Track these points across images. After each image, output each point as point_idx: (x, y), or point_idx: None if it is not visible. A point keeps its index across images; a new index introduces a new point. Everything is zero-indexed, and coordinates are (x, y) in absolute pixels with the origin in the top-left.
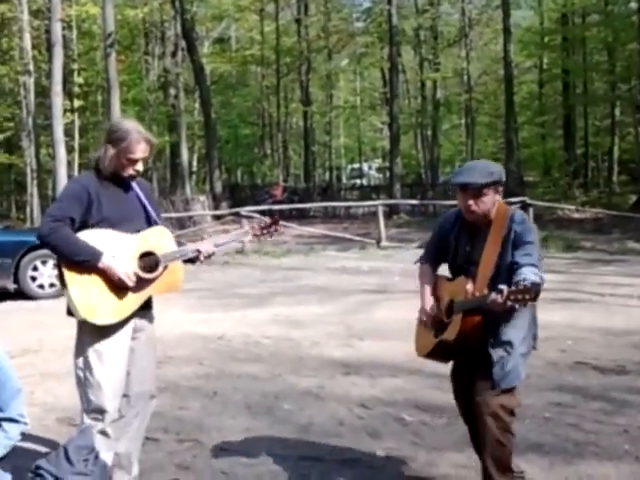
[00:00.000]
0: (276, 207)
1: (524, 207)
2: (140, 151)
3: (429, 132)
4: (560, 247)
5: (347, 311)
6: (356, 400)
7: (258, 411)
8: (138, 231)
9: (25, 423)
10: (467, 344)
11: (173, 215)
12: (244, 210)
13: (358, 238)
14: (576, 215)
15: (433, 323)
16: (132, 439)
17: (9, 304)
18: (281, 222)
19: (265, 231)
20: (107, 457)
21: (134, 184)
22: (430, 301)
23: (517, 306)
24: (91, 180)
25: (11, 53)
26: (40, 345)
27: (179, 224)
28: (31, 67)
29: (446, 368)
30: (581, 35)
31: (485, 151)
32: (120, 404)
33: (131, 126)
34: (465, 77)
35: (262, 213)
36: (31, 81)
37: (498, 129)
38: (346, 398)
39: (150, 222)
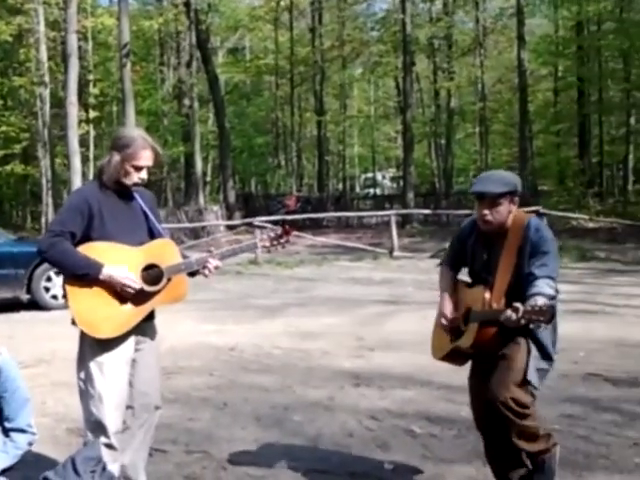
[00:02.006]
0: (289, 217)
1: (538, 217)
2: (145, 158)
3: (443, 141)
4: (574, 257)
5: (358, 322)
6: (366, 412)
7: (268, 423)
8: (141, 243)
9: (33, 433)
10: (482, 352)
11: (187, 225)
12: (257, 220)
13: (371, 248)
14: (590, 225)
15: (450, 328)
16: (137, 450)
17: (23, 315)
18: (294, 232)
19: (275, 242)
20: (114, 468)
21: (136, 195)
22: (449, 306)
23: (531, 325)
24: (93, 191)
25: (27, 65)
26: (53, 355)
27: (193, 234)
28: (47, 78)
29: (457, 380)
30: (596, 43)
31: (499, 160)
32: (125, 415)
33: (137, 134)
34: (479, 86)
35: (275, 223)
36: (47, 92)
37: (513, 138)
38: (356, 409)
39: (153, 233)
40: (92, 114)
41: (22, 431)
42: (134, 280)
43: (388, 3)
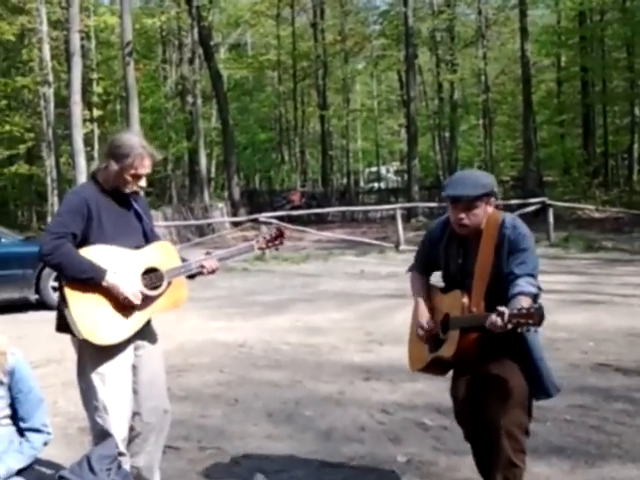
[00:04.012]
0: (294, 212)
1: (544, 208)
2: (145, 167)
3: (447, 134)
4: (580, 247)
5: (366, 316)
6: (377, 405)
7: (279, 418)
8: (137, 246)
9: (48, 433)
10: (465, 361)
11: (193, 222)
12: (262, 216)
13: (377, 242)
14: (596, 215)
15: (428, 338)
16: (151, 452)
17: (31, 315)
18: (299, 228)
19: (270, 244)
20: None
21: (131, 198)
22: (426, 315)
23: (519, 330)
24: (92, 192)
25: (31, 64)
26: (62, 355)
27: (198, 231)
28: (50, 78)
29: None
30: (599, 33)
31: (503, 152)
32: (134, 422)
33: (135, 141)
34: (482, 77)
35: (280, 219)
36: (50, 92)
37: (517, 129)
38: (367, 403)
39: (147, 238)
40: (96, 113)
41: (37, 431)
42: (137, 295)
43: None
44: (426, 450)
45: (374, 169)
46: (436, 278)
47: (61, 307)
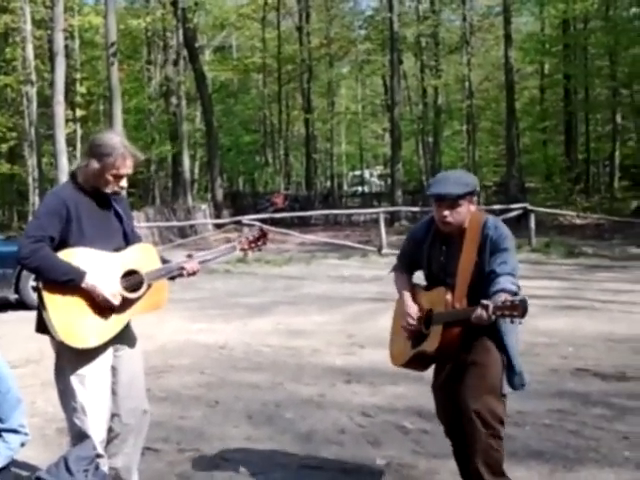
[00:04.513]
0: (277, 215)
1: (526, 213)
2: (126, 167)
3: (430, 139)
4: (561, 253)
5: (348, 319)
6: (357, 408)
7: (259, 420)
8: (117, 249)
9: (26, 434)
10: (447, 355)
11: (175, 224)
12: (245, 219)
13: (359, 246)
14: (577, 221)
15: (410, 333)
16: (129, 454)
17: (10, 314)
18: (282, 230)
19: (253, 245)
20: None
21: (111, 198)
22: (413, 306)
23: (502, 321)
24: (71, 193)
25: (14, 63)
26: (41, 355)
27: (181, 233)
28: (33, 77)
29: None
30: (582, 41)
31: (486, 157)
32: (113, 423)
33: (117, 141)
34: (466, 83)
35: (263, 221)
36: (33, 91)
37: (499, 135)
38: (347, 406)
39: (127, 239)
40: (79, 113)
41: (14, 432)
42: (116, 295)
43: (375, 1)
44: (406, 453)
45: (358, 173)
46: (417, 280)
47: (40, 308)
